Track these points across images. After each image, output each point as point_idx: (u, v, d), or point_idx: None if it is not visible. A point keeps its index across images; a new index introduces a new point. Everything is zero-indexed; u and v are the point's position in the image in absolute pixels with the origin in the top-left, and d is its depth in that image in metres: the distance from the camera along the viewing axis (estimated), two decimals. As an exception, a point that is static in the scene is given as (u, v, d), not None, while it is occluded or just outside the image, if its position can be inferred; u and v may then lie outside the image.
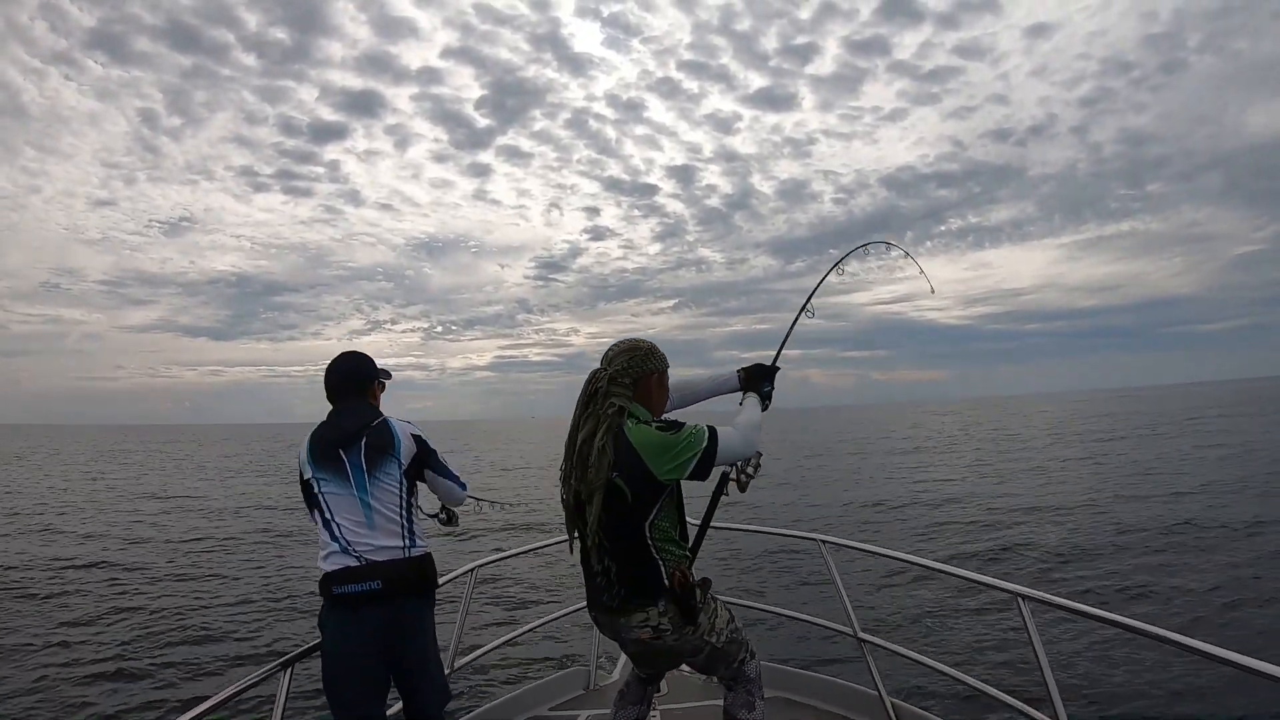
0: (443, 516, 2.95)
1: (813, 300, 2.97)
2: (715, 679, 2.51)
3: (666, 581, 2.16)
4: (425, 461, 2.62)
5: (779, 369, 2.63)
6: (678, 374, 2.62)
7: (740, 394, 2.55)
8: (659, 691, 3.61)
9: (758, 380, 2.54)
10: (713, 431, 2.15)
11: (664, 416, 2.34)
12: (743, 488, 2.44)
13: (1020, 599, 2.41)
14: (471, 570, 3.56)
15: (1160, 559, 10.23)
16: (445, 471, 2.69)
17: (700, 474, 2.13)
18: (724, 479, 2.50)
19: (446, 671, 3.29)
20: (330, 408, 2.63)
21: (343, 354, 2.71)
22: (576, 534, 2.27)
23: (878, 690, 3.23)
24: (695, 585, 2.19)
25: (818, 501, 19.06)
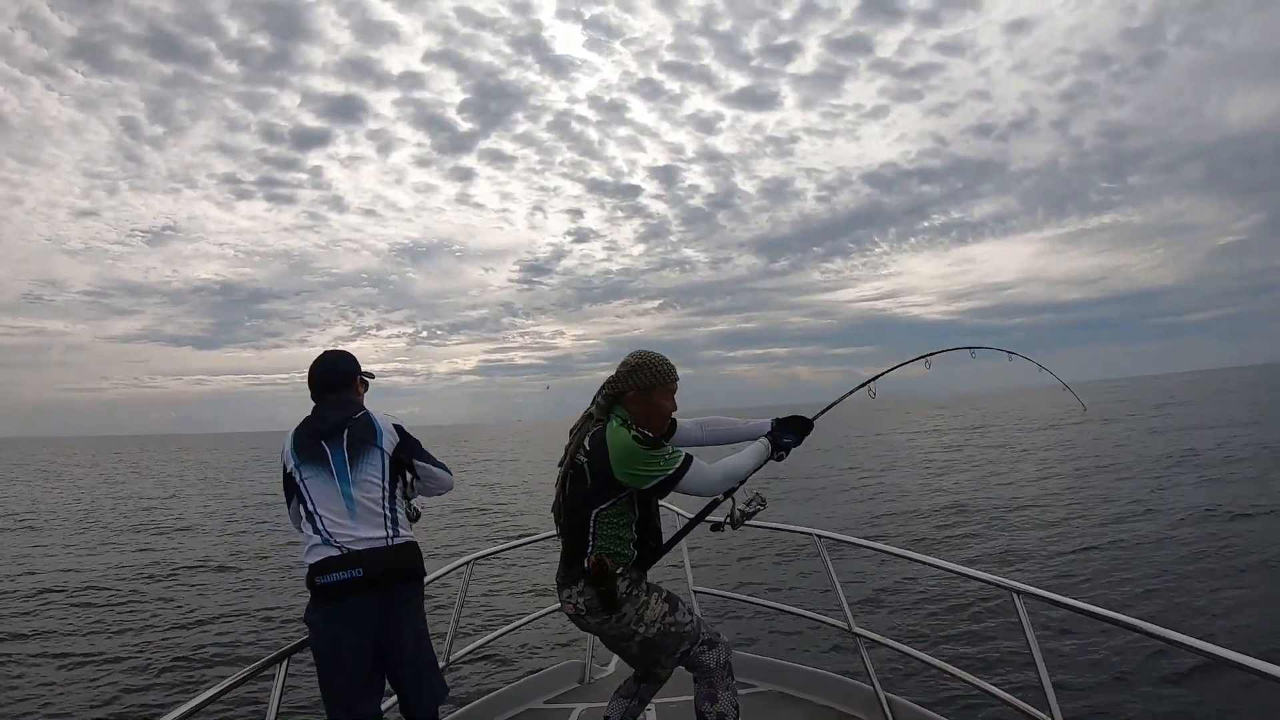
0: (411, 514, 2.81)
1: (877, 381, 3.01)
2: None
3: (585, 564, 2.30)
4: (412, 451, 2.63)
5: (814, 426, 2.65)
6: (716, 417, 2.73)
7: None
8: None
9: (783, 430, 2.58)
10: (687, 461, 2.28)
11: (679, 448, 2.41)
12: (736, 525, 2.51)
13: (1015, 594, 2.41)
14: (469, 562, 3.56)
15: (1159, 554, 10.26)
16: (432, 460, 2.70)
17: (658, 493, 2.31)
18: (709, 507, 2.60)
19: (441, 664, 3.28)
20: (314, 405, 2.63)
21: (327, 351, 2.74)
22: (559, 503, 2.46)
23: (872, 685, 3.24)
24: (615, 575, 2.29)
25: (813, 496, 19.09)
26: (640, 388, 2.40)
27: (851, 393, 2.98)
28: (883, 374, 3.07)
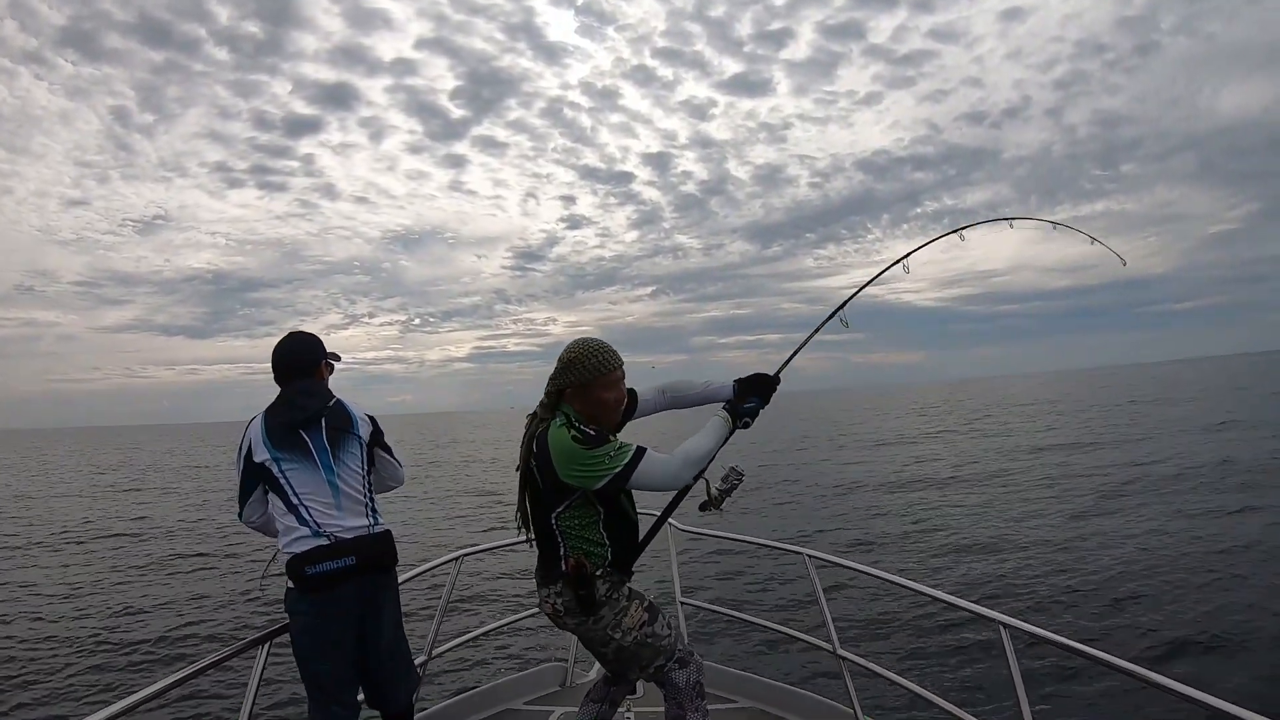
0: None
1: (845, 309, 2.83)
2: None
3: (563, 565, 2.24)
4: (379, 441, 2.64)
5: (780, 381, 2.53)
6: (674, 377, 2.65)
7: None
8: (634, 694, 3.60)
9: (747, 395, 2.45)
10: (638, 455, 2.14)
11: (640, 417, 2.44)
12: (716, 505, 2.42)
13: (1002, 627, 2.40)
14: (458, 558, 3.55)
15: (1147, 589, 10.20)
16: (393, 453, 2.71)
17: (610, 491, 2.18)
18: (680, 497, 2.51)
19: (424, 659, 3.29)
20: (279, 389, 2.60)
21: (291, 334, 2.69)
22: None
23: (853, 708, 3.22)
24: (594, 578, 2.22)
25: (801, 501, 18.97)
26: (576, 384, 2.26)
27: (823, 324, 2.78)
28: (875, 277, 2.86)
